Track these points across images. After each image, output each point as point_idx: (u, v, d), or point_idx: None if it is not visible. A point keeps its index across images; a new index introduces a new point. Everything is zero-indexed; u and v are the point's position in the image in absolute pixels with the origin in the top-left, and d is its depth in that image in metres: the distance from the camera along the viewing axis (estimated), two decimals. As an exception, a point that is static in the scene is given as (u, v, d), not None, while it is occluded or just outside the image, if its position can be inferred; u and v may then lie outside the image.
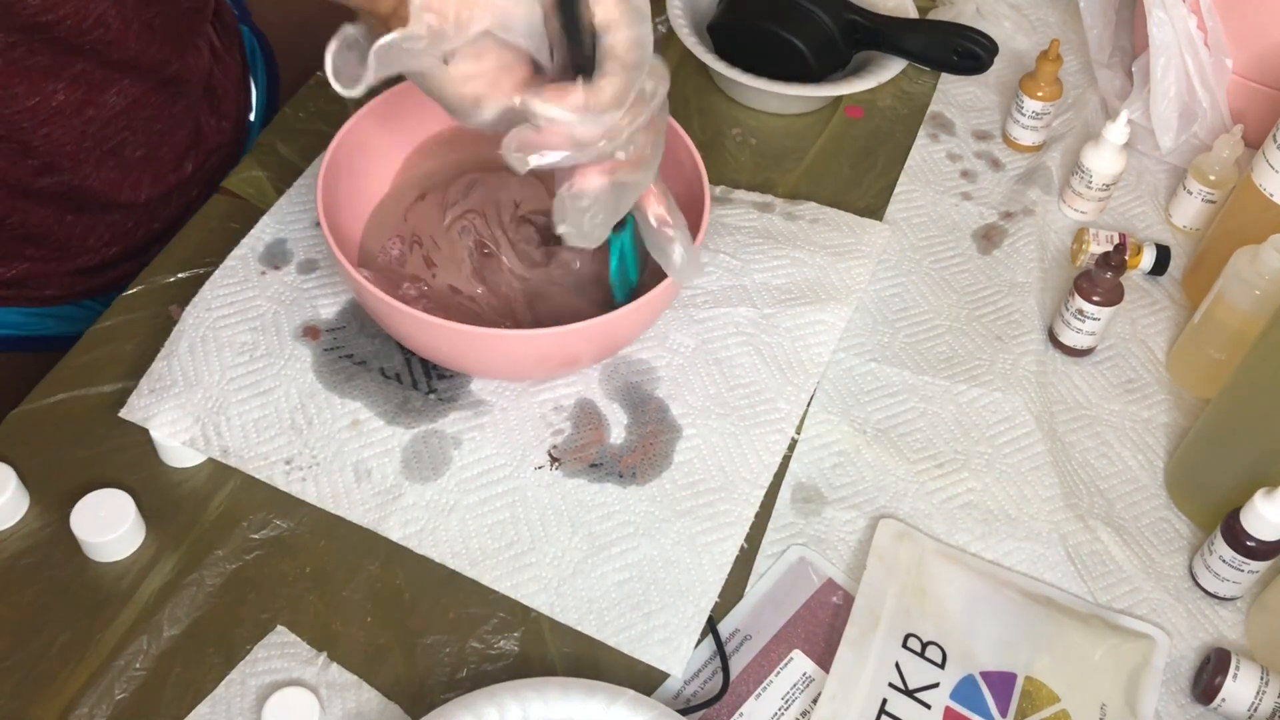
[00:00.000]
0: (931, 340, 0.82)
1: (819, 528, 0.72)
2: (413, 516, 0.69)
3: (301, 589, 0.67)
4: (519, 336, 0.68)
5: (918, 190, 0.93)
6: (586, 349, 0.72)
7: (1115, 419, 0.80)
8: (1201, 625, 0.70)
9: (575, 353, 0.72)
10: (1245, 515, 0.68)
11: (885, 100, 1.00)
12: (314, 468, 0.71)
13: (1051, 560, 0.72)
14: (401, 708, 0.63)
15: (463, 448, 0.72)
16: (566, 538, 0.69)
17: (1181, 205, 0.91)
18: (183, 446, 0.70)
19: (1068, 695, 0.66)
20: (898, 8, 0.99)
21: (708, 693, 0.65)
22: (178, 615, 0.65)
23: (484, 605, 0.67)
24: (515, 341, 0.69)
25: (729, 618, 0.68)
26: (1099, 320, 0.80)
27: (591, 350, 0.73)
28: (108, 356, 0.75)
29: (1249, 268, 0.74)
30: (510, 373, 0.75)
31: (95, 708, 0.61)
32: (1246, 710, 0.65)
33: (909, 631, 0.67)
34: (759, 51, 0.94)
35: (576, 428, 0.74)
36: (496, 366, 0.74)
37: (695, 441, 0.74)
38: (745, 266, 0.83)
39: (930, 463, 0.76)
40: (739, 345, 0.79)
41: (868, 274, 0.84)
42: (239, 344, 0.75)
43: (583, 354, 0.73)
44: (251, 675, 0.63)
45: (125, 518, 0.66)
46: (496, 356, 0.71)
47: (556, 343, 0.69)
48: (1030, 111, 0.94)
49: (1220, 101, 0.90)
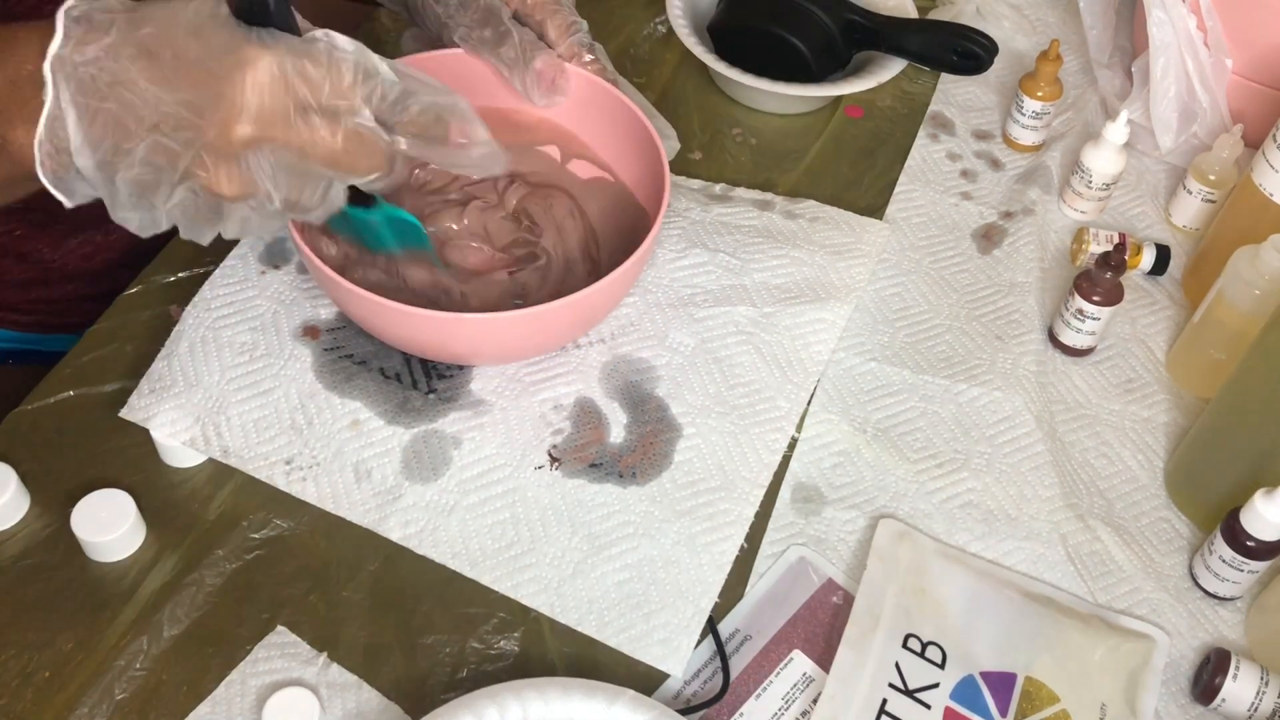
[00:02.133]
0: (931, 340, 0.82)
1: (819, 527, 0.72)
2: (413, 517, 0.69)
3: (301, 589, 0.67)
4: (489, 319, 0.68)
5: (918, 190, 0.93)
6: (567, 323, 0.72)
7: (1115, 419, 0.80)
8: (1201, 625, 0.70)
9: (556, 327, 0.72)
10: (1245, 515, 0.68)
11: (885, 100, 1.00)
12: (314, 468, 0.71)
13: (1051, 560, 0.72)
14: (401, 708, 0.63)
15: (463, 448, 0.72)
16: (566, 538, 0.69)
17: (1181, 205, 0.91)
18: (183, 446, 0.70)
19: (1068, 695, 0.66)
20: (898, 8, 0.99)
21: (708, 693, 0.65)
22: (178, 615, 0.65)
23: (484, 605, 0.67)
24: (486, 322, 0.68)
25: (729, 618, 0.68)
26: (1099, 320, 0.80)
27: (571, 324, 0.73)
28: (108, 356, 0.75)
29: (1249, 268, 0.74)
30: (494, 355, 0.75)
31: (95, 708, 0.61)
32: (1246, 710, 0.65)
33: (909, 632, 0.67)
34: (759, 51, 0.94)
35: (576, 427, 0.74)
36: (479, 350, 0.73)
37: (695, 441, 0.74)
38: (745, 265, 0.83)
39: (930, 462, 0.76)
40: (739, 344, 0.79)
41: (868, 273, 0.84)
42: (239, 344, 0.75)
43: (563, 330, 0.73)
44: (251, 675, 0.63)
45: (125, 518, 0.66)
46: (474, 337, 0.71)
47: (534, 321, 0.69)
48: (1030, 111, 0.94)
49: (1220, 101, 0.90)
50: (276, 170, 0.56)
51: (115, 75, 0.52)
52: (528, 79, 0.74)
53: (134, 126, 0.53)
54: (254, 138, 0.54)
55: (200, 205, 0.56)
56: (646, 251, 0.70)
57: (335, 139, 0.56)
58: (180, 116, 0.53)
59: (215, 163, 0.54)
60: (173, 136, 0.53)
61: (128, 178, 0.54)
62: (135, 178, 0.54)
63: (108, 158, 0.53)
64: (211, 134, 0.53)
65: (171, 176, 0.54)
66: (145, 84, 0.52)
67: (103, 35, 0.52)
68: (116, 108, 0.52)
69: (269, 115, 0.54)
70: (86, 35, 0.52)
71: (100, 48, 0.52)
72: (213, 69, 0.53)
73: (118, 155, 0.53)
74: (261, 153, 0.55)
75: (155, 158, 0.53)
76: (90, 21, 0.52)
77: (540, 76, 0.74)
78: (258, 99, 0.53)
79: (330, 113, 0.56)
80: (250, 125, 0.54)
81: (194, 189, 0.55)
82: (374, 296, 0.66)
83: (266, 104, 0.54)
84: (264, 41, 0.54)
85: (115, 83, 0.52)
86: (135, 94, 0.52)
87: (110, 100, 0.52)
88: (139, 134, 0.53)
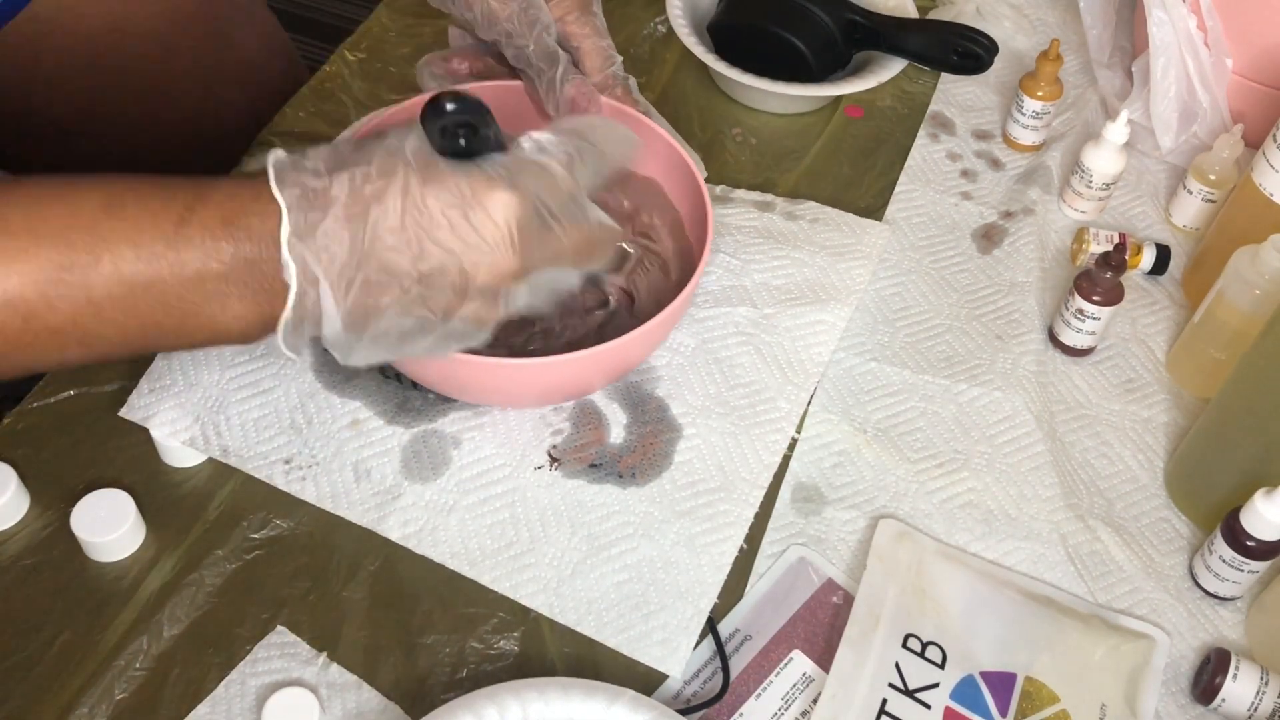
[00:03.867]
0: (931, 340, 0.82)
1: (819, 528, 0.72)
2: (412, 516, 0.69)
3: (301, 589, 0.67)
4: (521, 365, 0.66)
5: (918, 190, 0.93)
6: (597, 375, 0.71)
7: (1115, 419, 0.80)
8: (1201, 625, 0.70)
9: (587, 380, 0.71)
10: (1245, 515, 0.68)
11: (885, 100, 1.00)
12: (314, 467, 0.71)
13: (1051, 560, 0.72)
14: (401, 708, 0.63)
15: (462, 448, 0.72)
16: (566, 538, 0.69)
17: (1181, 205, 0.91)
18: (183, 446, 0.70)
19: (1068, 695, 0.66)
20: (898, 8, 0.99)
21: (708, 693, 0.65)
22: (178, 615, 0.65)
23: (484, 605, 0.67)
24: (517, 370, 0.66)
25: (729, 618, 0.68)
26: (1099, 320, 0.80)
27: (602, 376, 0.72)
28: (108, 356, 0.75)
29: (1249, 267, 0.74)
30: (514, 401, 0.74)
31: (95, 708, 0.61)
32: (1246, 710, 0.65)
33: (909, 631, 0.67)
34: (759, 51, 0.94)
35: (576, 428, 0.74)
36: (498, 395, 0.72)
37: (695, 441, 0.74)
38: (745, 266, 0.83)
39: (930, 462, 0.76)
40: (739, 345, 0.79)
41: (868, 274, 0.84)
42: (239, 344, 0.75)
43: (594, 380, 0.72)
44: (251, 675, 0.63)
45: (125, 518, 0.66)
46: (499, 385, 0.69)
47: (565, 370, 0.68)
48: (1030, 111, 0.94)
49: (1220, 101, 0.90)
50: (535, 289, 0.57)
51: (362, 245, 0.52)
52: (562, 103, 0.74)
53: (392, 286, 0.53)
54: (522, 268, 0.55)
55: (453, 337, 0.57)
56: (695, 285, 0.69)
57: (577, 242, 0.57)
58: (445, 267, 0.53)
59: (482, 299, 0.55)
60: (439, 286, 0.54)
61: (381, 329, 0.54)
62: (390, 328, 0.54)
63: (360, 319, 0.54)
64: (482, 276, 0.54)
65: (434, 323, 0.55)
66: (393, 240, 0.53)
67: (329, 203, 0.52)
68: (374, 272, 0.53)
69: (529, 243, 0.55)
70: (313, 205, 0.52)
71: (338, 218, 0.52)
72: (466, 214, 0.53)
73: (371, 315, 0.54)
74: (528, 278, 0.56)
75: (418, 310, 0.54)
76: (307, 191, 0.52)
77: (574, 103, 0.73)
78: (520, 233, 0.54)
79: (569, 217, 0.56)
80: (517, 259, 0.55)
81: (452, 327, 0.56)
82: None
83: (526, 234, 0.55)
84: (498, 176, 0.54)
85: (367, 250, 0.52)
86: (390, 254, 0.52)
87: (365, 267, 0.52)
88: (399, 292, 0.53)
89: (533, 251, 0.55)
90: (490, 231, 0.54)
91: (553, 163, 0.57)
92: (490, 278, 0.55)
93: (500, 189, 0.54)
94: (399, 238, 0.53)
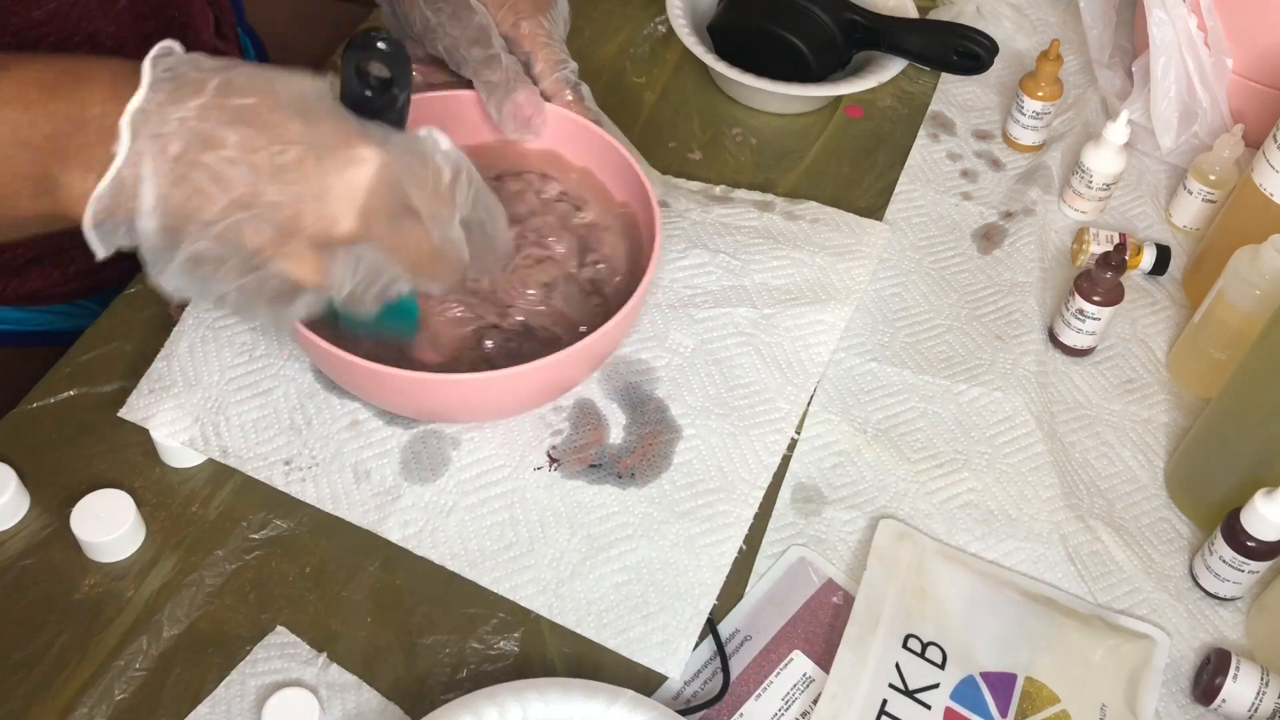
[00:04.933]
0: (931, 340, 0.82)
1: (819, 528, 0.72)
2: (412, 517, 0.69)
3: (301, 589, 0.67)
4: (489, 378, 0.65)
5: (918, 190, 0.93)
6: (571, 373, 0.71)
7: (1115, 419, 0.80)
8: (1201, 625, 0.70)
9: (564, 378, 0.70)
10: (1245, 515, 0.68)
11: (885, 100, 1.00)
12: (313, 468, 0.71)
13: (1051, 560, 0.72)
14: (401, 708, 0.63)
15: (461, 448, 0.72)
16: (565, 539, 0.69)
17: (1181, 205, 0.91)
18: (182, 446, 0.70)
19: (1068, 696, 0.66)
20: (898, 8, 0.99)
21: (708, 693, 0.65)
22: (178, 615, 0.65)
23: (484, 605, 0.67)
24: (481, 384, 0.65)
25: (729, 618, 0.68)
26: (1099, 320, 0.80)
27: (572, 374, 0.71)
28: (108, 356, 0.75)
29: (1249, 267, 0.74)
30: (488, 415, 0.73)
31: (95, 708, 0.61)
32: (1247, 711, 0.65)
33: (909, 632, 0.67)
34: (759, 51, 0.94)
35: (575, 428, 0.74)
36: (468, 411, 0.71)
37: (695, 442, 0.74)
38: (745, 266, 0.83)
39: (930, 463, 0.76)
40: (739, 345, 0.79)
41: (868, 274, 0.84)
42: (238, 344, 0.75)
43: (570, 378, 0.72)
44: (251, 675, 0.63)
45: (125, 518, 0.66)
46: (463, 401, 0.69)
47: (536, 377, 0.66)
48: (1030, 111, 0.94)
49: (1220, 101, 0.90)
50: (359, 266, 0.54)
51: (207, 142, 0.49)
52: (505, 108, 0.72)
53: (219, 199, 0.50)
54: (355, 234, 0.52)
55: (266, 289, 0.53)
56: (638, 303, 0.69)
57: (426, 246, 0.55)
58: (278, 201, 0.50)
59: (304, 252, 0.52)
60: (266, 219, 0.50)
61: (194, 249, 0.51)
62: (201, 250, 0.51)
63: (177, 225, 0.50)
64: (310, 224, 0.51)
65: (247, 257, 0.51)
66: (239, 157, 0.49)
67: (193, 95, 0.49)
68: (204, 178, 0.49)
69: (374, 214, 0.52)
70: (175, 93, 0.49)
71: (190, 109, 0.49)
72: (320, 159, 0.50)
73: (190, 225, 0.50)
74: (355, 249, 0.53)
75: (234, 236, 0.51)
76: (179, 78, 0.50)
77: (519, 109, 0.72)
78: (366, 198, 0.51)
79: (430, 218, 0.54)
80: (355, 222, 0.51)
81: (268, 274, 0.52)
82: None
83: (374, 204, 0.52)
84: (375, 138, 0.52)
85: (207, 150, 0.49)
86: (227, 166, 0.49)
87: (198, 169, 0.49)
88: (223, 208, 0.50)
89: (376, 226, 0.52)
90: (337, 183, 0.51)
91: (443, 166, 0.55)
92: (318, 229, 0.51)
93: (366, 148, 0.51)
94: (243, 155, 0.49)
